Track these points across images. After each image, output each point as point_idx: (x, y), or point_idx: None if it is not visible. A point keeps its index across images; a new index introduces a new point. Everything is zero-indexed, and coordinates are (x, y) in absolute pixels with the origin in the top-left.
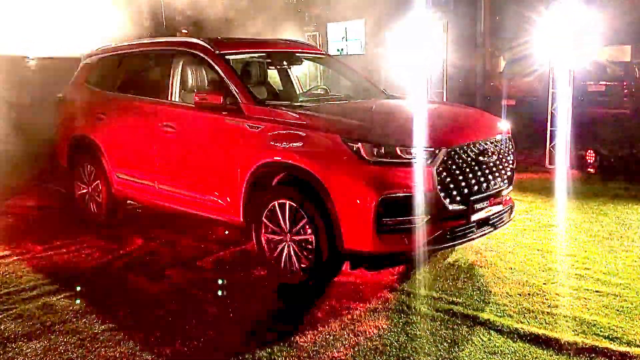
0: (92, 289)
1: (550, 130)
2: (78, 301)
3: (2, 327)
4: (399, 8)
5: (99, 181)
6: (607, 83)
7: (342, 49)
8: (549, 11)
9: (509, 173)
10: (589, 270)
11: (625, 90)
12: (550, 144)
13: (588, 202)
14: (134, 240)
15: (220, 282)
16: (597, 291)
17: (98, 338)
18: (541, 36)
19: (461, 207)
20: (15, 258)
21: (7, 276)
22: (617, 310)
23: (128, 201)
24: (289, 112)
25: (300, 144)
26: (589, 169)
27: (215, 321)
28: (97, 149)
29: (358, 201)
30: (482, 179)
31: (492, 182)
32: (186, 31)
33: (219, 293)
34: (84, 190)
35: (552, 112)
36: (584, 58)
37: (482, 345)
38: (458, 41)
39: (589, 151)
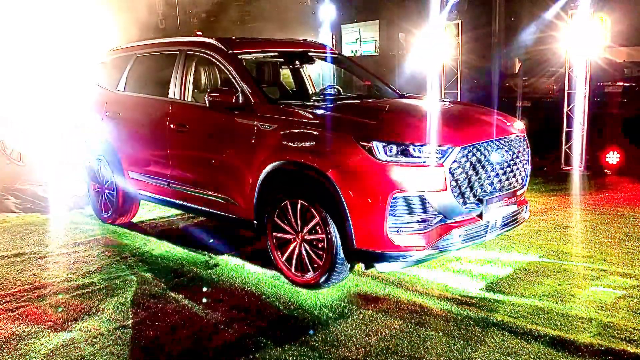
0: None
1: (567, 131)
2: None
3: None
4: (413, 9)
5: (112, 179)
6: (625, 84)
7: (355, 51)
8: (565, 11)
9: (523, 173)
10: (605, 272)
11: None
12: (566, 145)
13: (604, 204)
14: None
15: (228, 281)
16: (613, 293)
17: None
18: (557, 37)
19: (474, 206)
20: None
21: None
22: (635, 312)
23: (141, 199)
24: (301, 112)
25: (312, 143)
26: (605, 170)
27: (221, 321)
28: (109, 147)
29: (370, 200)
30: (495, 179)
31: (506, 182)
32: (200, 32)
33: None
34: (98, 189)
35: (568, 113)
36: (600, 59)
37: (496, 346)
38: (472, 42)
39: (605, 152)
